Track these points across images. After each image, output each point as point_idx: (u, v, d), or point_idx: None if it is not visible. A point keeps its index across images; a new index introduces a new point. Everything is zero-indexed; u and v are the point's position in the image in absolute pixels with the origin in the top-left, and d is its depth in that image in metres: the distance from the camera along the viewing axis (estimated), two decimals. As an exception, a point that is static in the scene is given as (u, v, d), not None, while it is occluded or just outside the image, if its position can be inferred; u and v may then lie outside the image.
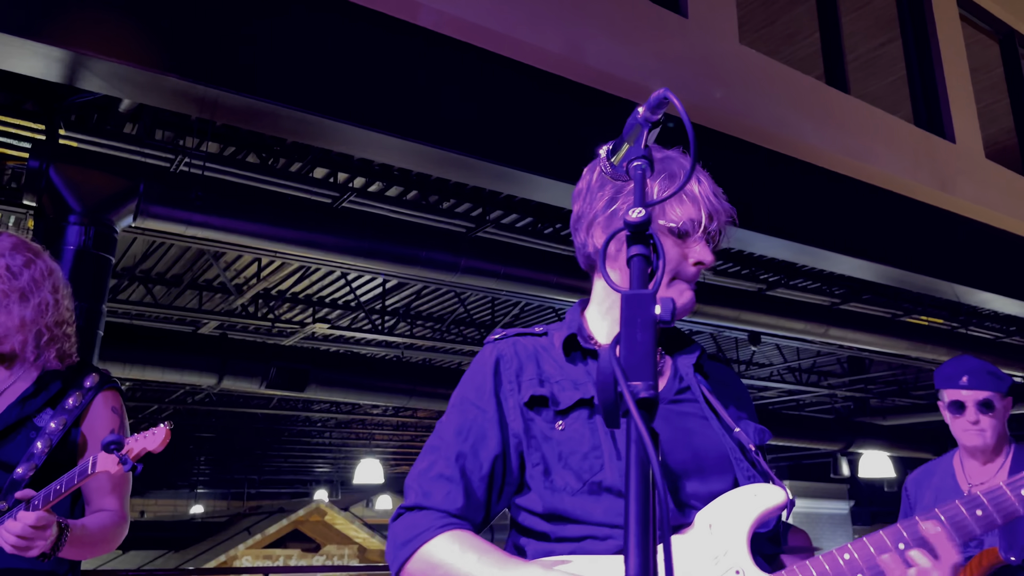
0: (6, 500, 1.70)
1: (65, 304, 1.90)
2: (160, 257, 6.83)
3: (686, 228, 1.22)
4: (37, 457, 1.75)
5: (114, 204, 3.41)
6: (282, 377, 6.18)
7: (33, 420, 1.80)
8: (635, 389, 0.65)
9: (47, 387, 1.84)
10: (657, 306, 0.72)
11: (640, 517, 0.58)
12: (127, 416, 1.98)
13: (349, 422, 13.83)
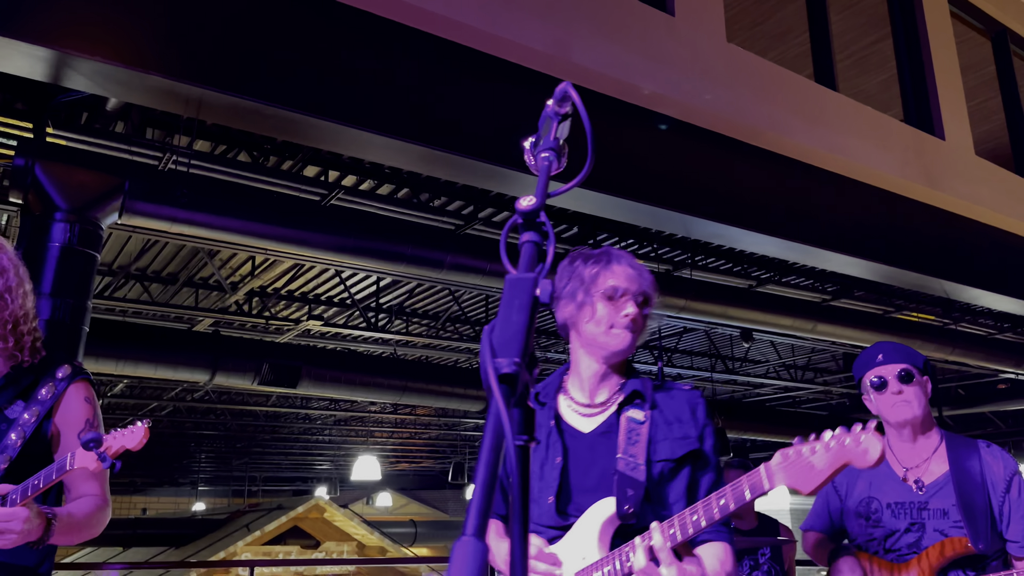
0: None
1: (29, 300, 1.91)
2: (155, 255, 6.87)
3: (612, 294, 1.72)
4: (11, 449, 1.78)
5: (99, 201, 3.45)
6: (275, 373, 6.22)
7: (4, 412, 1.82)
8: (498, 365, 0.69)
9: (18, 379, 1.86)
10: (538, 289, 0.75)
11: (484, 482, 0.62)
12: (101, 409, 2.00)
13: (348, 419, 13.88)
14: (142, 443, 1.64)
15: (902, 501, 2.17)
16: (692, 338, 9.52)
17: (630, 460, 1.62)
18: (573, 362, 1.80)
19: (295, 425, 13.90)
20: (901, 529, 2.14)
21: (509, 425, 0.64)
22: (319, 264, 6.65)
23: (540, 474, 1.70)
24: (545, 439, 1.72)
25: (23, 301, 1.88)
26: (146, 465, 16.37)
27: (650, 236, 6.24)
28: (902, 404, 2.18)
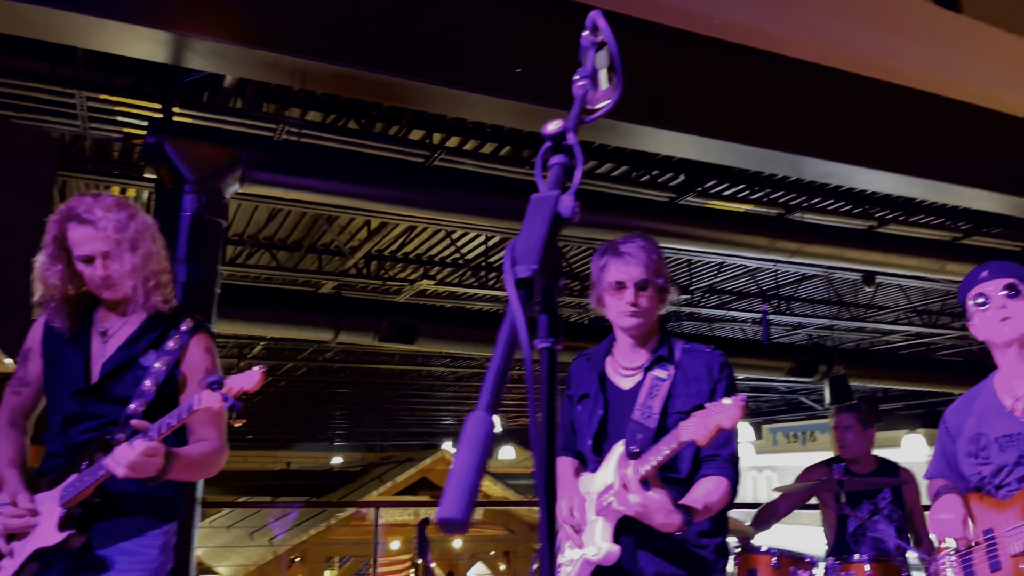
0: (123, 431, 1.94)
1: (164, 254, 2.13)
2: (280, 224, 7.31)
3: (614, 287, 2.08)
4: (147, 394, 1.99)
5: (222, 173, 3.74)
6: (392, 330, 6.52)
7: (139, 360, 2.03)
8: (516, 271, 0.75)
9: (149, 331, 2.07)
10: (560, 204, 0.80)
11: (497, 371, 0.69)
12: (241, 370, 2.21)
13: (470, 376, 14.33)
14: (258, 385, 1.79)
15: (1010, 433, 2.07)
16: (812, 285, 9.18)
17: (646, 410, 2.02)
18: (615, 332, 2.19)
19: (419, 382, 14.49)
20: (1011, 463, 2.05)
21: (524, 327, 0.70)
22: (429, 225, 6.87)
23: (588, 422, 2.12)
24: (594, 394, 2.14)
25: (159, 259, 2.10)
26: (288, 423, 17.56)
27: (760, 180, 6.04)
28: (1006, 322, 2.06)
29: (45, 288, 2.05)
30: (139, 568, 1.93)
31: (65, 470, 1.94)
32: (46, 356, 2.11)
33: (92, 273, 2.02)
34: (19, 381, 2.14)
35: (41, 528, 1.89)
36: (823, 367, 8.91)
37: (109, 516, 1.93)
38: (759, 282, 8.92)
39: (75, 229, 2.01)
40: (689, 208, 5.49)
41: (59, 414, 2.02)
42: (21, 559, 1.87)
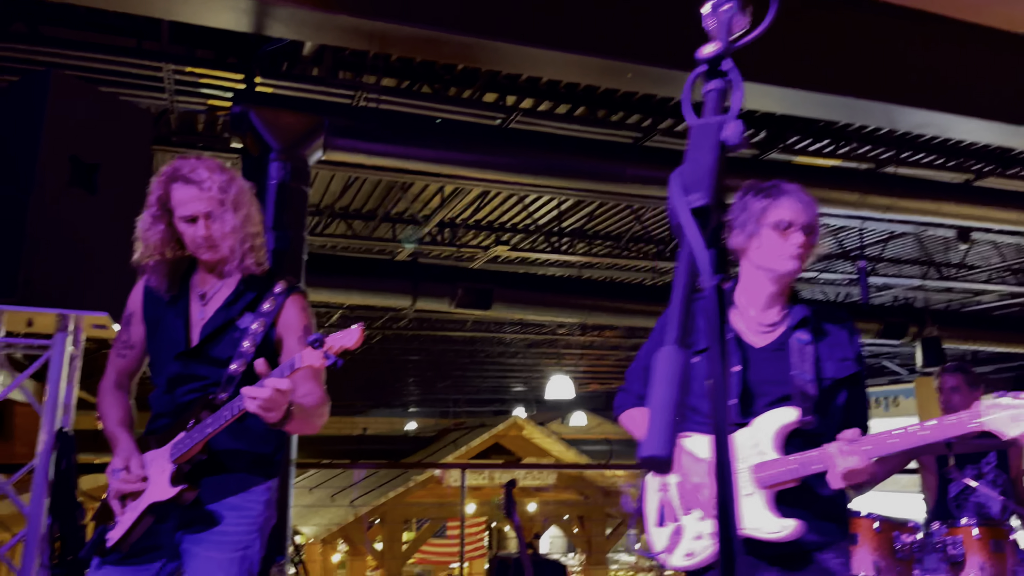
0: (226, 391, 1.99)
1: (260, 217, 2.15)
2: (355, 194, 7.40)
3: (781, 226, 1.92)
4: (246, 354, 2.01)
5: (305, 140, 3.78)
6: (468, 296, 6.54)
7: (236, 323, 2.06)
8: (690, 200, 0.71)
9: (246, 293, 2.10)
10: (725, 131, 0.75)
11: (681, 304, 0.65)
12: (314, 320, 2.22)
13: (540, 342, 14.36)
14: (358, 342, 1.79)
15: None
16: (900, 244, 8.80)
17: (803, 376, 1.90)
18: (744, 283, 2.01)
19: (490, 349, 14.61)
20: None
21: (704, 256, 0.66)
22: (503, 190, 6.84)
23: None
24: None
25: (256, 222, 2.12)
26: (364, 389, 17.98)
27: (847, 134, 5.78)
28: None
29: (146, 247, 2.09)
30: (246, 522, 1.99)
31: (172, 429, 2.00)
32: (147, 320, 2.16)
33: (194, 233, 2.04)
34: (123, 344, 2.20)
35: (154, 483, 1.96)
36: (914, 329, 8.55)
37: (216, 472, 1.98)
38: (843, 242, 8.62)
39: (179, 189, 2.03)
40: (775, 164, 5.30)
41: (164, 376, 2.07)
42: (137, 513, 1.94)
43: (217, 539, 1.95)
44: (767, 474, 1.84)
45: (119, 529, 1.96)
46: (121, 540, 1.95)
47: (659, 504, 2.00)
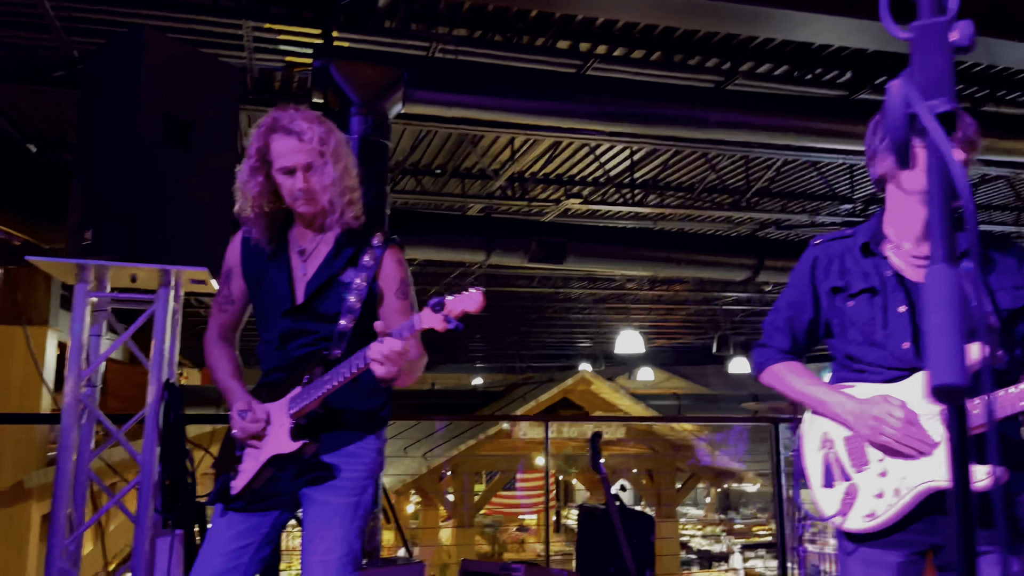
0: (338, 347, 2.03)
1: (356, 171, 2.14)
2: (424, 150, 7.39)
3: None
4: (354, 310, 2.04)
5: (384, 93, 3.76)
6: (542, 250, 6.51)
7: (339, 278, 2.08)
8: (934, 105, 0.64)
9: (345, 248, 2.10)
10: (953, 30, 0.67)
11: (941, 212, 0.59)
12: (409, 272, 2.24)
13: (607, 297, 14.26)
14: (480, 307, 1.79)
15: None
16: (991, 189, 8.37)
17: (982, 308, 1.69)
18: (894, 214, 1.85)
19: (557, 305, 14.59)
20: None
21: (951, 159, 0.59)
22: (575, 140, 6.72)
23: (884, 321, 1.80)
24: (884, 289, 1.81)
25: (353, 174, 2.11)
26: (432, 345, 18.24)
27: (941, 71, 5.46)
28: None
29: (244, 199, 2.10)
30: (361, 468, 2.06)
31: (286, 382, 2.05)
32: (247, 275, 2.19)
33: (292, 185, 2.03)
34: (224, 299, 2.24)
35: (274, 436, 2.02)
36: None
37: (331, 424, 2.04)
38: (929, 188, 8.23)
39: (279, 140, 2.02)
40: (867, 104, 5.04)
41: (275, 331, 2.11)
42: (259, 464, 2.01)
43: (334, 485, 2.02)
44: None
45: (242, 478, 2.04)
46: (244, 489, 2.02)
47: (823, 463, 1.83)
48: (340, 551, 1.99)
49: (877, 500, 1.72)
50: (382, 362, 1.82)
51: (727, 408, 15.76)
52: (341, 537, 2.00)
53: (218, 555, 2.01)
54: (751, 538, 18.21)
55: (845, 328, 1.86)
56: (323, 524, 2.00)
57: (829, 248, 1.93)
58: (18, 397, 7.02)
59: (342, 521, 2.01)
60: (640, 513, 3.69)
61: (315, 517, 2.02)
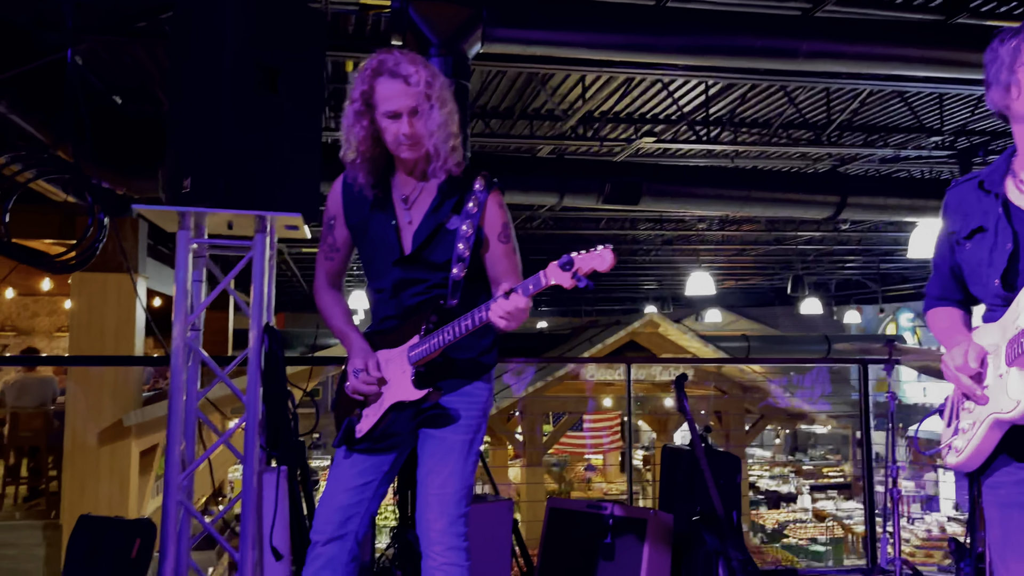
0: (454, 297, 2.06)
1: (459, 116, 2.11)
2: (493, 91, 7.30)
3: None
4: (465, 258, 2.05)
5: (463, 33, 3.69)
6: (616, 191, 6.41)
7: (445, 225, 2.08)
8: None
9: (449, 195, 2.09)
10: None
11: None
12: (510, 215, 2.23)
13: (675, 239, 14.05)
14: (611, 265, 1.79)
15: None
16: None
17: None
18: (1019, 145, 1.75)
19: (624, 247, 14.45)
20: None
21: None
22: (649, 77, 6.54)
23: (988, 260, 1.76)
24: (994, 226, 1.74)
25: (457, 120, 2.10)
26: (495, 289, 18.39)
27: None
28: None
29: (348, 144, 2.09)
30: (476, 408, 2.15)
31: (402, 330, 2.11)
32: (350, 223, 2.20)
33: (397, 130, 2.01)
34: (329, 248, 2.27)
35: (395, 383, 2.08)
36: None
37: (448, 369, 2.11)
38: None
39: (385, 83, 2.00)
40: (966, 29, 4.73)
41: (387, 280, 2.15)
42: (382, 409, 2.09)
43: (451, 423, 2.11)
44: (1011, 349, 1.64)
45: (366, 423, 2.12)
46: (368, 433, 2.11)
47: (951, 403, 1.86)
48: (455, 485, 2.07)
49: (960, 436, 1.76)
50: (505, 318, 1.87)
51: (798, 350, 15.50)
52: (457, 472, 2.08)
53: (343, 491, 2.12)
54: (820, 479, 18.09)
55: (965, 269, 1.85)
56: (440, 460, 2.09)
57: (958, 190, 1.89)
58: (113, 340, 7.39)
59: (458, 458, 2.09)
60: (726, 454, 3.67)
61: (432, 453, 2.11)
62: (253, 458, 2.72)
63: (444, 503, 2.06)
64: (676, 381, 3.64)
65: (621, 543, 3.18)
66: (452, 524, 2.06)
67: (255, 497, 2.71)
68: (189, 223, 2.77)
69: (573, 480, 16.17)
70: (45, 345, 13.40)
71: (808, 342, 15.95)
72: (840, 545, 13.23)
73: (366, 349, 2.13)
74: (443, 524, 2.06)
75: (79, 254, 2.92)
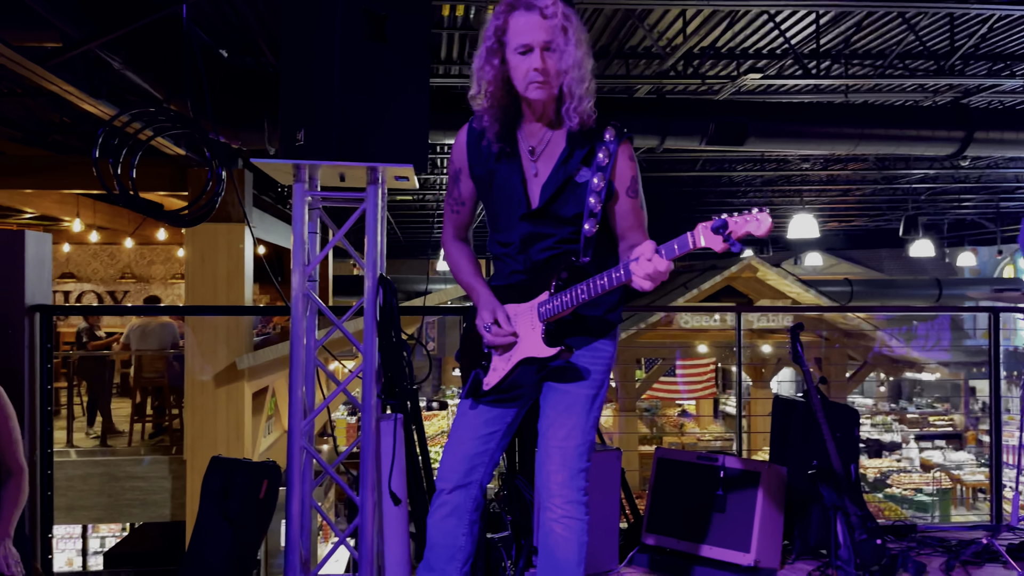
0: (586, 255, 2.02)
1: (592, 62, 2.00)
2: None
3: None
4: (596, 213, 2.00)
5: (568, -30, 3.55)
6: (721, 132, 6.16)
7: (575, 178, 2.02)
8: None
9: (578, 146, 2.02)
10: None
11: None
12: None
13: (775, 179, 13.49)
14: (768, 231, 1.74)
15: None
16: None
17: None
18: None
19: (718, 189, 14.00)
20: None
21: None
22: (751, 9, 6.18)
23: None
24: None
25: (589, 66, 1.99)
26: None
27: None
28: None
29: (477, 85, 2.04)
30: (601, 364, 2.15)
31: (530, 285, 2.10)
32: (475, 175, 2.17)
33: (528, 66, 1.93)
34: (455, 201, 2.25)
35: (525, 338, 2.08)
36: None
37: (576, 326, 2.11)
38: None
39: (519, 16, 1.93)
40: None
41: (514, 234, 2.12)
42: (511, 364, 2.10)
43: (576, 377, 2.11)
44: None
45: (494, 376, 2.13)
46: (495, 386, 2.13)
47: None
48: (578, 439, 2.08)
49: None
50: (647, 279, 1.82)
51: (906, 295, 14.78)
52: (580, 426, 2.09)
53: (469, 440, 2.16)
54: (926, 428, 17.41)
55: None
56: (563, 412, 2.09)
57: None
58: (225, 288, 7.73)
59: (581, 411, 2.09)
60: (843, 406, 3.54)
61: (556, 405, 2.11)
62: (371, 406, 2.79)
63: (566, 456, 2.07)
64: (792, 330, 3.52)
65: (733, 496, 3.13)
66: (573, 477, 2.07)
67: (373, 443, 2.78)
68: (304, 176, 2.81)
69: (665, 425, 16.13)
70: (161, 291, 14.20)
71: (917, 286, 15.19)
72: (948, 496, 12.76)
73: (494, 303, 2.12)
74: (564, 476, 2.07)
75: (201, 206, 3.02)
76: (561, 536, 2.06)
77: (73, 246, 13.98)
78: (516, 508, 3.46)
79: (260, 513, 2.99)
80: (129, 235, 13.02)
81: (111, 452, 7.70)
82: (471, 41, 7.18)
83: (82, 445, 7.78)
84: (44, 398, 3.22)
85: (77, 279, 14.29)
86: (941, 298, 13.71)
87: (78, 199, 10.93)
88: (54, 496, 3.33)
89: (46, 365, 3.20)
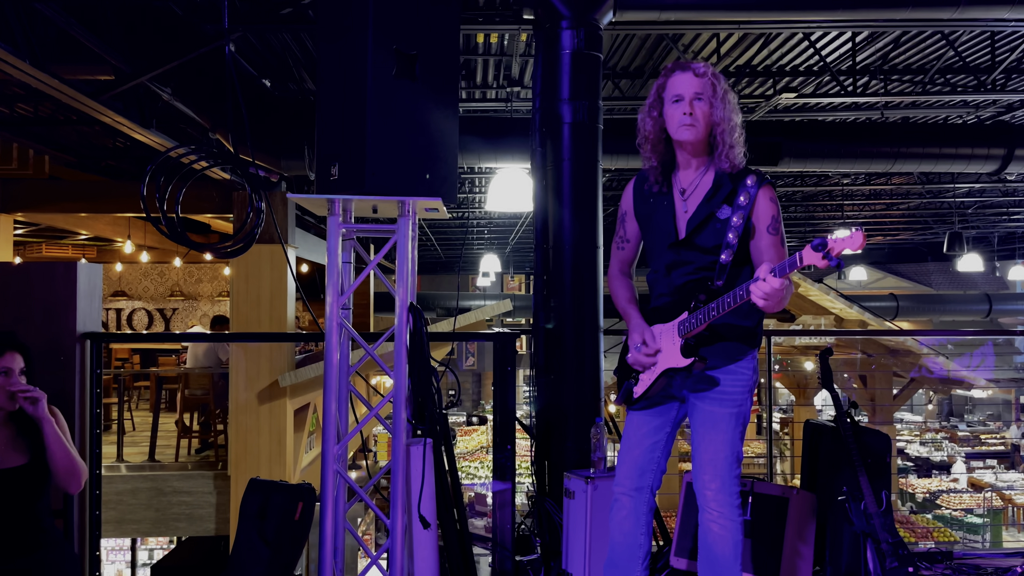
0: (720, 279, 2.30)
1: (741, 120, 2.35)
2: (622, 52, 7.14)
3: None
4: (732, 245, 2.30)
5: (595, 3, 3.62)
6: (753, 152, 6.15)
7: (716, 214, 2.33)
8: None
9: (722, 187, 2.34)
10: None
11: None
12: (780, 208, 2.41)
13: (816, 194, 13.35)
14: (861, 246, 1.91)
15: None
16: None
17: None
18: None
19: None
20: None
21: None
22: (784, 31, 6.19)
23: None
24: None
25: (737, 122, 2.34)
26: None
27: None
28: None
29: (641, 136, 2.45)
30: (740, 384, 2.38)
31: (673, 306, 2.40)
32: (639, 216, 2.53)
33: (678, 111, 2.29)
34: (621, 239, 2.63)
35: (667, 352, 2.39)
36: None
37: (714, 343, 2.36)
38: None
39: (676, 76, 2.34)
40: None
41: (661, 262, 2.45)
42: (655, 375, 2.42)
43: (718, 397, 2.37)
44: None
45: (642, 386, 2.47)
46: (643, 394, 2.46)
47: None
48: (725, 452, 2.36)
49: None
50: (763, 298, 2.05)
51: (954, 310, 14.44)
52: (727, 441, 2.36)
53: (637, 447, 2.49)
54: (977, 446, 16.91)
55: None
56: (710, 429, 2.37)
57: None
58: (268, 306, 7.95)
59: (726, 428, 2.36)
60: (875, 432, 3.51)
61: (703, 423, 2.39)
62: (401, 430, 2.88)
63: (717, 468, 2.35)
64: (821, 355, 3.51)
65: (761, 521, 3.13)
66: (725, 485, 2.35)
67: (403, 467, 2.87)
68: (337, 209, 2.92)
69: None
70: (209, 308, 14.59)
71: (966, 301, 14.83)
72: (999, 517, 12.38)
73: (643, 325, 2.44)
74: (717, 485, 2.35)
75: (240, 239, 3.15)
76: (719, 534, 2.35)
77: (125, 265, 14.46)
78: (546, 531, 3.51)
79: (296, 534, 3.09)
80: (178, 255, 13.42)
81: (159, 467, 7.94)
82: (505, 66, 7.30)
83: (132, 460, 8.03)
84: (93, 420, 3.38)
85: (128, 297, 14.77)
86: (991, 313, 13.35)
87: (129, 221, 11.34)
88: (103, 511, 3.48)
89: (96, 389, 3.36)
